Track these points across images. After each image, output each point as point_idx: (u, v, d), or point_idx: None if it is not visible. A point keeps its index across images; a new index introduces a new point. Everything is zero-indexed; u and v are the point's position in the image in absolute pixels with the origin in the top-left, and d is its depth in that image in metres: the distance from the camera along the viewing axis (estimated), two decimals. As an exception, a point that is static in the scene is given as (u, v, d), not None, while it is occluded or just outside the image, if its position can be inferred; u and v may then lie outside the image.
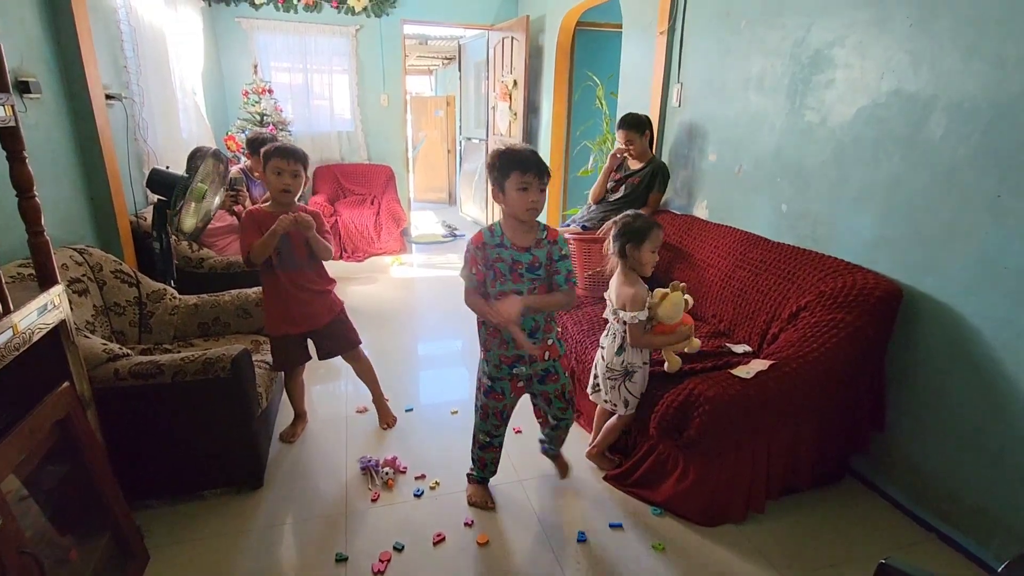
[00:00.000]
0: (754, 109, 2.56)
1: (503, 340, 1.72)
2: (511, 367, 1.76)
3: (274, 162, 1.99)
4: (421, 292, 4.53)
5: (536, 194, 1.58)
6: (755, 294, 2.28)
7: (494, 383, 1.80)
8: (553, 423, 1.92)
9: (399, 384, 2.79)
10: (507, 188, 1.59)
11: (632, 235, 1.89)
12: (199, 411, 1.83)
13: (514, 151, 1.60)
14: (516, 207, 1.59)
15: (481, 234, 1.66)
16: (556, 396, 1.83)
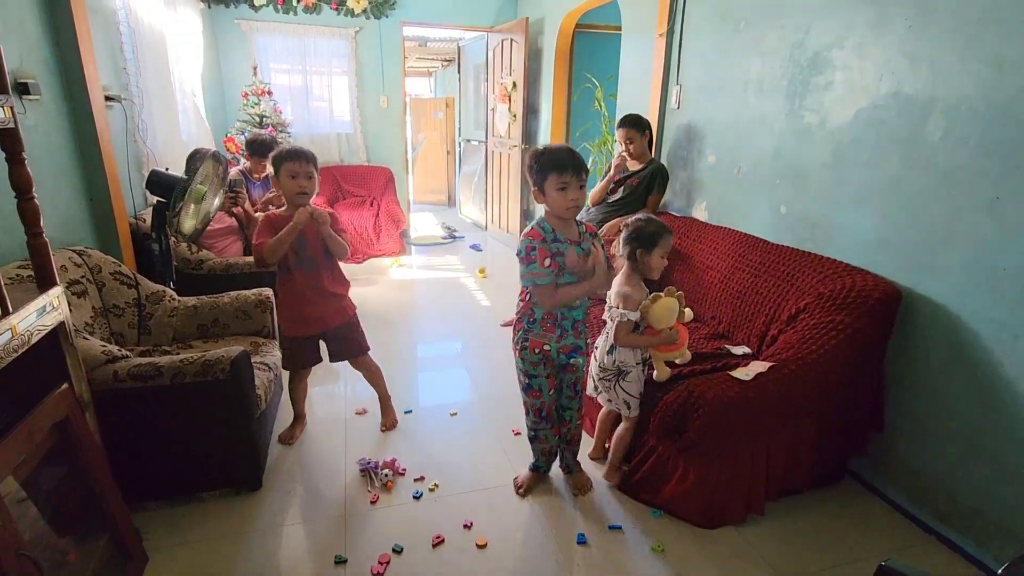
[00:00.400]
0: (753, 111, 2.57)
1: (563, 330, 1.76)
2: (569, 356, 1.81)
3: (287, 165, 2.00)
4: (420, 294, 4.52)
5: (575, 192, 1.63)
6: (754, 296, 2.28)
7: (531, 380, 1.85)
8: (559, 411, 1.95)
9: (398, 386, 2.79)
10: (547, 189, 1.65)
11: (643, 240, 1.88)
12: (198, 413, 1.83)
13: (550, 152, 1.64)
14: (557, 206, 1.65)
15: (536, 231, 1.68)
16: (568, 385, 1.90)
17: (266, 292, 2.50)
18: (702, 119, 2.93)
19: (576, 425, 2.00)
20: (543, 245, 1.66)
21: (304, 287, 2.09)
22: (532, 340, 1.79)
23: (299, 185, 2.01)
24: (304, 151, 2.03)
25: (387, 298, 4.22)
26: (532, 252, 1.66)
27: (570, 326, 1.78)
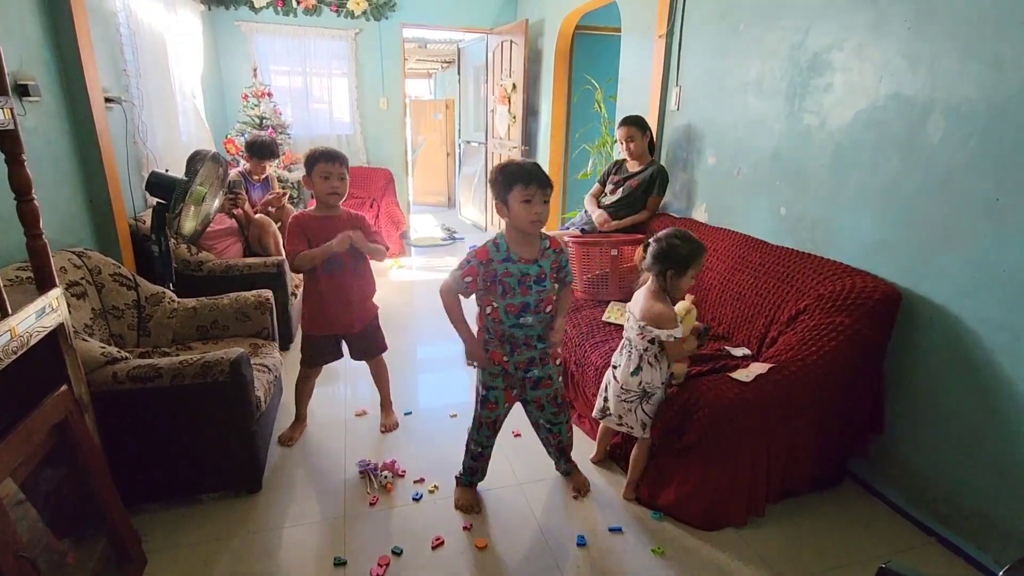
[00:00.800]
0: (753, 112, 2.57)
1: (514, 345, 1.76)
2: (525, 371, 1.80)
3: (321, 167, 2.04)
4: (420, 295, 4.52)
5: (539, 206, 1.62)
6: (754, 297, 2.28)
7: (488, 392, 1.84)
8: (547, 427, 1.95)
9: (398, 387, 2.79)
10: (510, 202, 1.63)
11: (677, 263, 1.77)
12: (197, 415, 1.83)
13: (515, 165, 1.65)
14: (520, 220, 1.63)
15: (487, 249, 1.69)
16: (548, 401, 1.87)
17: (265, 294, 2.50)
18: (702, 120, 2.93)
19: (568, 437, 1.99)
20: (481, 266, 1.67)
21: (330, 289, 2.12)
22: (493, 352, 1.78)
23: (332, 186, 2.05)
24: (337, 152, 2.07)
25: (387, 300, 4.22)
26: (467, 263, 1.68)
27: (522, 341, 1.76)
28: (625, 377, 1.87)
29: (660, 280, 1.80)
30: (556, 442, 1.99)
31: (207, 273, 2.94)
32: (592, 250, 2.90)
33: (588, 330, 2.52)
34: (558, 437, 1.97)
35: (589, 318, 2.64)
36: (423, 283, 4.83)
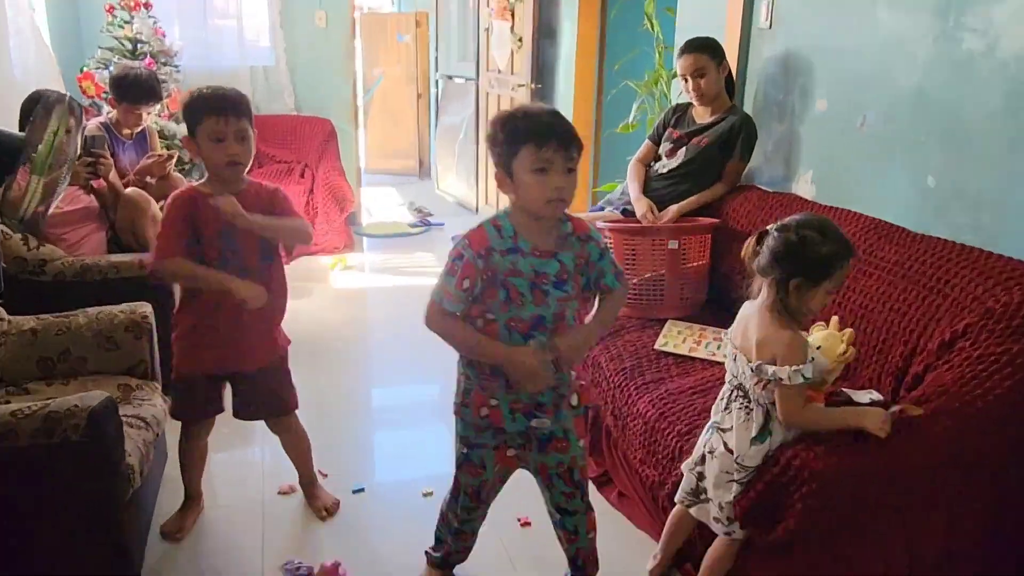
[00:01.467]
0: (885, 31, 2.59)
1: (503, 380, 1.76)
2: (527, 418, 1.80)
3: (208, 124, 2.03)
4: (377, 310, 4.55)
5: (560, 177, 1.62)
6: (887, 313, 2.29)
7: (471, 451, 1.88)
8: (556, 516, 1.96)
9: (343, 452, 2.80)
10: (516, 170, 1.64)
11: (810, 268, 1.72)
12: (38, 492, 1.83)
13: (524, 113, 1.66)
14: (532, 198, 1.64)
15: (484, 234, 1.70)
16: (559, 475, 1.87)
17: (142, 309, 2.52)
18: (806, 44, 2.95)
19: (587, 539, 1.98)
20: (480, 260, 1.67)
21: (216, 305, 2.12)
22: (475, 395, 1.81)
23: (228, 152, 2.05)
24: (232, 96, 2.07)
25: (326, 317, 4.25)
26: (457, 261, 1.68)
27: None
28: (743, 446, 1.81)
29: (779, 292, 1.76)
30: (567, 544, 2.00)
31: (53, 277, 2.95)
32: (640, 242, 2.92)
33: (633, 364, 2.53)
34: (571, 539, 1.98)
35: (635, 345, 2.65)
36: (382, 292, 4.86)
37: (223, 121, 2.03)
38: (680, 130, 3.28)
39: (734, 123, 3.11)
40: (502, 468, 1.92)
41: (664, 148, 3.32)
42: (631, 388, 2.41)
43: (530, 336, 1.72)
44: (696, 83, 3.12)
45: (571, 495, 1.90)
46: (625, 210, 3.30)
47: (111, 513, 1.91)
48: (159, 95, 3.76)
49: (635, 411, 2.33)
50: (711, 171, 3.17)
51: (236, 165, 2.09)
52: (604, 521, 2.35)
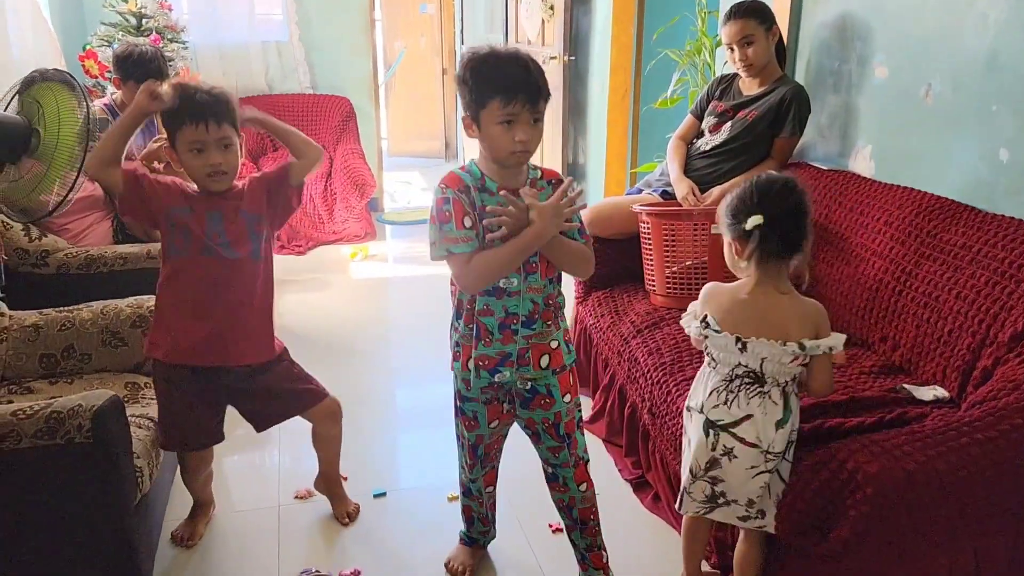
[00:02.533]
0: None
1: (485, 332, 1.88)
2: (492, 372, 1.91)
3: (187, 132, 2.01)
4: (401, 302, 4.57)
5: (525, 129, 1.75)
6: (953, 301, 2.26)
7: (463, 404, 2.05)
8: (548, 470, 2.08)
9: (363, 454, 2.83)
10: (483, 120, 1.78)
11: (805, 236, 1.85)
12: (42, 496, 1.87)
13: (494, 62, 1.76)
14: (496, 147, 1.78)
15: (456, 175, 1.86)
16: (545, 430, 1.99)
17: (150, 303, 2.56)
18: (864, 6, 2.91)
19: (582, 494, 2.05)
20: (461, 196, 1.80)
21: (202, 283, 2.11)
22: (464, 346, 1.94)
23: (210, 163, 2.03)
24: (210, 100, 2.03)
25: (346, 310, 4.28)
26: (445, 206, 1.79)
27: (496, 325, 1.87)
28: (768, 433, 1.83)
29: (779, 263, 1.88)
30: (562, 497, 2.07)
31: (57, 269, 3.02)
32: (680, 227, 2.90)
33: (672, 359, 2.52)
34: (561, 489, 2.06)
35: (675, 339, 2.65)
36: (404, 283, 4.88)
37: (203, 128, 2.00)
38: (725, 103, 3.25)
39: (784, 94, 3.07)
40: (499, 424, 2.06)
41: (707, 123, 3.29)
42: (670, 384, 2.41)
43: (510, 280, 1.84)
44: (743, 52, 3.09)
45: (557, 449, 2.02)
46: (665, 192, 3.28)
47: (118, 518, 1.93)
48: (166, 73, 3.79)
49: (675, 409, 2.33)
50: (759, 148, 3.14)
51: (220, 175, 2.06)
52: (639, 526, 2.37)
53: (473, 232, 1.80)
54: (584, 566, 2.13)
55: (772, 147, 3.14)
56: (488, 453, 2.12)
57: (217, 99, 2.05)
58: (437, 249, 1.82)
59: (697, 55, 4.18)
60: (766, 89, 3.13)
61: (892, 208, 2.61)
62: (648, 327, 2.77)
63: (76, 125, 2.66)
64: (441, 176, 1.88)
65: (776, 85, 3.12)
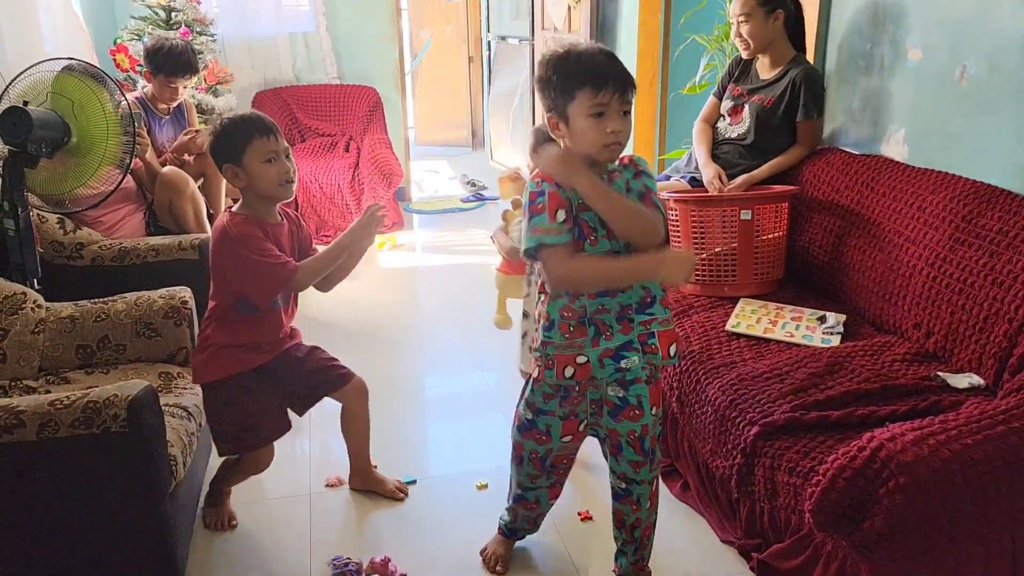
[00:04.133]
0: (985, -31, 2.50)
1: (604, 328, 1.82)
2: (616, 359, 1.83)
3: (259, 145, 2.12)
4: (430, 292, 4.58)
5: (617, 121, 1.72)
6: (990, 288, 2.23)
7: (536, 417, 1.97)
8: (621, 486, 2.00)
9: (394, 442, 2.84)
10: (572, 115, 1.73)
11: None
12: (78, 485, 1.90)
13: (578, 55, 1.73)
14: (588, 142, 1.73)
15: (547, 173, 1.80)
16: (630, 443, 1.93)
17: (182, 294, 2.59)
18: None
19: (647, 512, 2.01)
20: (558, 191, 1.75)
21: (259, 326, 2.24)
22: (557, 355, 1.85)
23: (282, 172, 2.15)
24: (264, 116, 2.17)
25: (375, 300, 4.30)
26: (539, 199, 1.76)
27: (614, 319, 1.82)
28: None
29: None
30: (622, 519, 2.03)
31: (91, 262, 3.05)
32: (708, 213, 2.89)
33: (702, 347, 2.51)
34: (634, 509, 2.00)
35: (704, 327, 2.64)
36: (432, 272, 4.89)
37: (274, 140, 2.13)
38: (742, 86, 3.24)
39: (794, 78, 3.05)
40: (571, 440, 2.01)
41: (725, 106, 3.28)
42: (699, 373, 2.40)
43: None
44: (739, 28, 3.08)
45: (640, 464, 1.95)
46: (693, 179, 3.26)
47: (154, 506, 1.96)
48: (196, 67, 3.82)
49: (704, 398, 2.32)
50: (781, 137, 3.12)
51: (291, 183, 2.18)
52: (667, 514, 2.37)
53: (567, 227, 1.75)
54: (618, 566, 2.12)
55: (795, 133, 3.12)
56: (556, 465, 2.07)
57: (265, 116, 2.18)
58: (528, 241, 1.77)
59: (725, 40, 4.13)
60: (779, 72, 3.12)
61: (926, 193, 2.58)
62: (676, 315, 2.75)
63: (113, 121, 2.69)
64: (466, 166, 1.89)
65: (789, 67, 3.10)
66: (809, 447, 1.97)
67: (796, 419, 2.05)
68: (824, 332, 2.53)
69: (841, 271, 2.79)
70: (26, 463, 1.85)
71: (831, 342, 2.48)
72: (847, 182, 2.89)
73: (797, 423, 2.05)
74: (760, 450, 2.05)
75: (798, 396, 2.15)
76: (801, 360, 2.35)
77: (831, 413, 2.05)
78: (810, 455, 1.94)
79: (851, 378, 2.23)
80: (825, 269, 2.88)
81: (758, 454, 2.06)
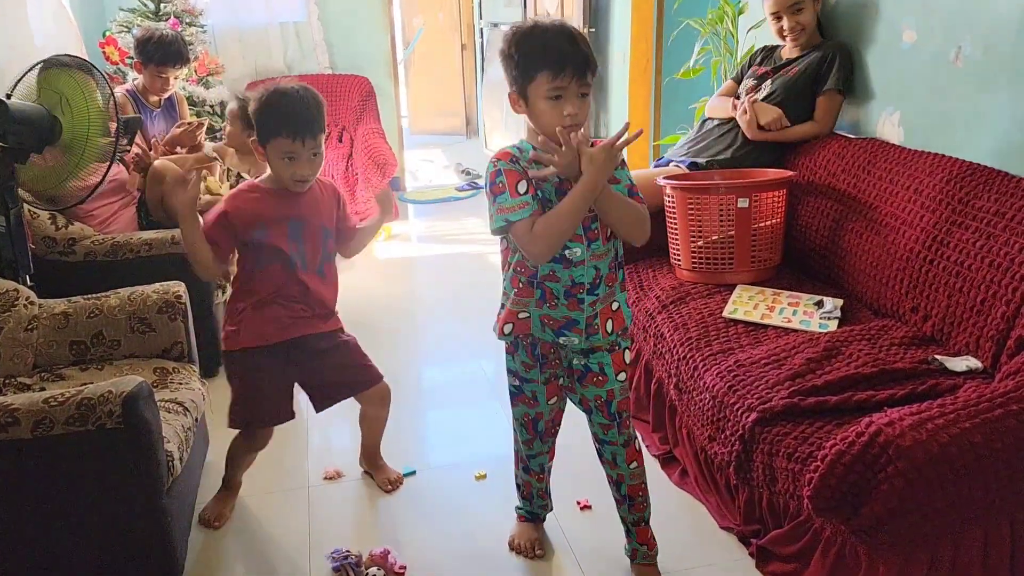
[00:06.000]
0: (978, -52, 2.49)
1: (551, 296, 1.88)
2: (557, 333, 1.91)
3: (282, 143, 2.10)
4: (426, 281, 4.58)
5: (574, 103, 1.75)
6: (986, 270, 2.23)
7: (522, 384, 2.06)
8: (597, 446, 2.10)
9: (392, 433, 2.83)
10: (531, 95, 1.78)
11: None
12: (74, 482, 1.90)
13: (538, 33, 1.76)
14: (545, 123, 1.77)
15: (507, 151, 1.85)
16: (598, 407, 2.01)
17: (176, 288, 2.58)
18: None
19: (628, 468, 2.06)
20: (513, 167, 1.80)
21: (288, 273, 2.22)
22: (507, 310, 1.94)
23: (297, 172, 2.14)
24: (310, 114, 2.11)
25: (371, 290, 4.30)
26: (498, 179, 1.80)
27: (562, 291, 1.86)
28: None
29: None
30: (608, 470, 2.09)
31: (84, 257, 3.05)
32: (705, 200, 2.88)
33: (699, 333, 2.52)
34: (611, 466, 2.08)
35: (701, 313, 2.64)
36: (428, 262, 4.89)
37: (296, 143, 2.10)
38: (766, 67, 3.26)
39: (826, 51, 3.06)
40: (556, 400, 2.09)
41: (745, 85, 3.29)
42: (697, 359, 2.40)
43: (565, 247, 1.82)
44: (793, 19, 3.07)
45: (607, 426, 2.03)
46: (693, 163, 3.25)
47: (151, 502, 1.96)
48: (186, 57, 3.81)
49: (701, 384, 2.32)
50: (799, 107, 3.12)
51: (303, 182, 2.18)
52: (666, 501, 2.37)
53: (530, 196, 1.78)
54: (629, 539, 2.14)
55: (814, 106, 3.11)
56: (548, 429, 2.13)
57: (314, 111, 2.13)
58: (495, 222, 1.81)
59: (719, 23, 4.13)
60: (806, 52, 3.13)
61: (922, 175, 2.58)
62: (674, 302, 2.75)
63: (99, 114, 2.67)
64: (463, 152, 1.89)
65: (815, 49, 3.11)
66: (807, 433, 1.97)
67: (794, 405, 2.05)
68: (821, 317, 2.53)
69: (838, 256, 2.79)
70: (21, 462, 1.85)
71: (828, 327, 2.48)
72: (843, 166, 2.89)
73: (795, 409, 2.05)
74: (758, 436, 2.06)
75: (796, 382, 2.15)
76: (799, 345, 2.35)
77: (829, 398, 2.06)
78: (808, 441, 1.94)
79: (849, 363, 2.23)
80: (822, 254, 2.88)
81: (756, 440, 2.06)
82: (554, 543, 2.28)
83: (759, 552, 2.13)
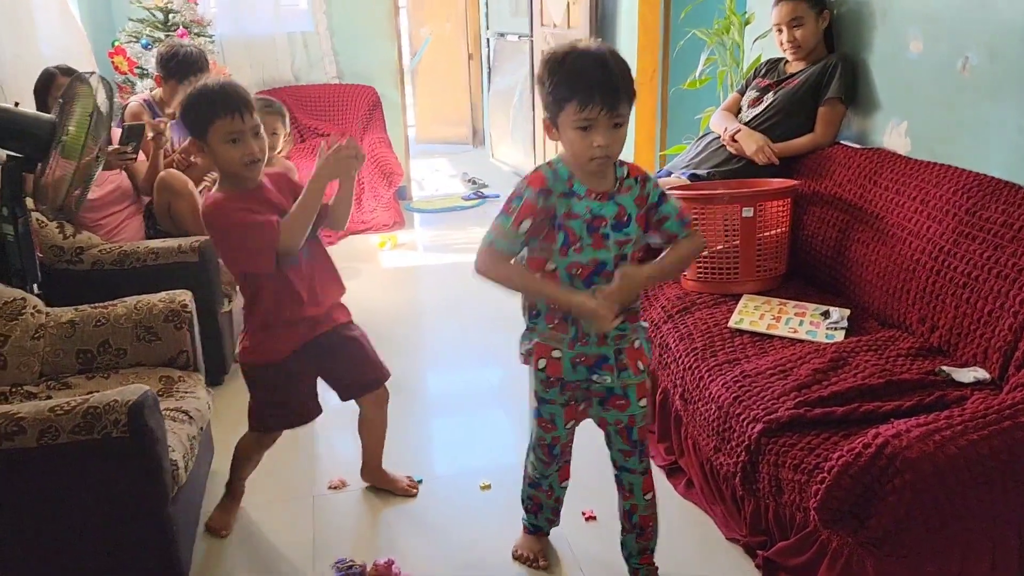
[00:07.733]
0: (986, -40, 2.49)
1: (582, 333, 1.85)
2: (590, 371, 1.89)
3: (222, 125, 2.05)
4: (431, 291, 4.58)
5: (604, 134, 1.70)
6: (994, 281, 2.22)
7: (540, 406, 2.01)
8: (615, 471, 2.07)
9: (397, 442, 2.83)
10: (561, 124, 1.74)
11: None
12: (80, 491, 1.90)
13: (573, 59, 1.70)
14: (575, 152, 1.76)
15: (542, 175, 1.81)
16: (618, 432, 1.99)
17: (182, 297, 2.59)
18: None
19: (643, 499, 2.05)
20: (540, 197, 1.77)
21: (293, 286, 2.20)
22: (538, 344, 1.91)
23: (247, 152, 2.08)
24: (234, 91, 2.08)
25: (376, 299, 4.30)
26: (515, 202, 1.79)
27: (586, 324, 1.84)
28: None
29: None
30: (623, 500, 2.08)
31: (91, 266, 3.05)
32: (710, 210, 2.88)
33: (705, 344, 2.51)
34: (626, 496, 2.06)
35: (707, 323, 2.63)
36: (434, 271, 4.89)
37: (239, 119, 2.05)
38: (769, 79, 3.27)
39: (827, 63, 3.07)
40: (574, 424, 2.05)
41: (748, 97, 3.30)
42: (703, 370, 2.40)
43: (591, 283, 1.82)
44: (791, 33, 3.08)
45: (628, 453, 2.01)
46: (694, 175, 3.25)
47: (156, 511, 1.96)
48: (207, 70, 3.83)
49: (707, 395, 2.32)
50: (799, 118, 3.13)
51: (255, 163, 2.12)
52: (672, 512, 2.37)
53: (524, 237, 1.78)
54: (630, 564, 2.13)
55: (815, 117, 3.11)
56: (563, 452, 2.11)
57: (242, 90, 2.10)
58: (486, 235, 1.82)
59: (725, 34, 4.13)
60: (809, 64, 3.14)
61: (929, 186, 2.57)
62: (679, 312, 2.75)
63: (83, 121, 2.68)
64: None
65: (819, 62, 3.12)
66: (814, 444, 1.97)
67: (800, 415, 2.04)
68: (828, 327, 2.52)
69: (844, 266, 2.79)
70: (26, 470, 1.85)
71: (835, 337, 2.47)
72: (849, 176, 2.89)
73: (801, 420, 2.04)
74: (764, 447, 2.05)
75: (802, 392, 2.14)
76: (805, 356, 2.34)
77: (836, 409, 2.05)
78: (815, 452, 1.93)
79: (855, 374, 2.22)
80: (828, 264, 2.88)
81: (762, 451, 2.05)
82: (559, 554, 2.28)
83: (766, 564, 2.12)
